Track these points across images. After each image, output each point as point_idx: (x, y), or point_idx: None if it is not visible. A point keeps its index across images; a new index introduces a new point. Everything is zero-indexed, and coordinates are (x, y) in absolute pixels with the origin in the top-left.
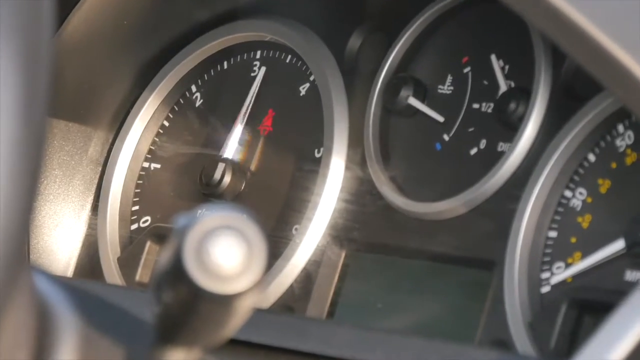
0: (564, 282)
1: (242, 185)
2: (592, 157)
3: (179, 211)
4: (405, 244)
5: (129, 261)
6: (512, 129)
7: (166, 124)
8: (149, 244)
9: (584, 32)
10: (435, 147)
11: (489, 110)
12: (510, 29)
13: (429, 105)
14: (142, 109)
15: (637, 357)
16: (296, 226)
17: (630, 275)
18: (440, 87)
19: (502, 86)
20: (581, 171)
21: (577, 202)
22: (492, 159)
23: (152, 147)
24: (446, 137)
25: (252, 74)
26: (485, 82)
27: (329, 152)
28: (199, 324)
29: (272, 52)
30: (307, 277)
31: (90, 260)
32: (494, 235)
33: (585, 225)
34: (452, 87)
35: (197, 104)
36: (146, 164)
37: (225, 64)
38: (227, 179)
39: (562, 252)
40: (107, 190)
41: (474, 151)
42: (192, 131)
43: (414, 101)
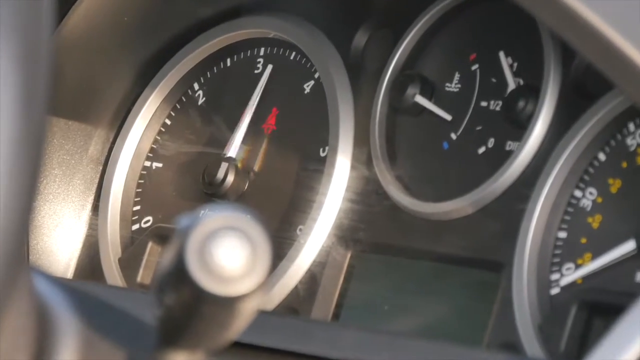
0: (573, 284)
1: (246, 185)
2: (602, 156)
3: (181, 211)
4: (412, 245)
5: (130, 262)
6: (520, 128)
7: (168, 122)
8: (150, 244)
9: (594, 29)
10: (442, 146)
11: (497, 108)
12: (519, 26)
13: (436, 103)
14: (144, 107)
15: None
16: (301, 226)
17: None
18: (447, 84)
19: (511, 84)
20: (591, 170)
21: (587, 202)
22: (500, 158)
23: (154, 146)
24: (453, 135)
25: (256, 72)
26: (493, 80)
27: (334, 151)
28: (201, 327)
29: (276, 49)
30: (312, 279)
31: (90, 261)
32: (502, 236)
33: (595, 225)
34: (459, 85)
35: (200, 102)
36: (148, 163)
37: (228, 61)
38: (231, 178)
39: (571, 253)
40: (107, 189)
41: (482, 150)
42: (195, 130)
43: (420, 99)
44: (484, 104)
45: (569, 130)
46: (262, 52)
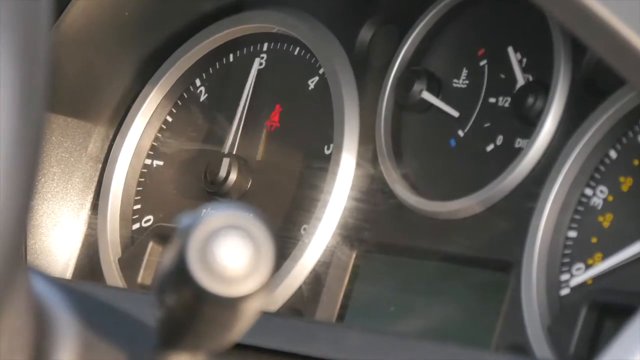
0: (583, 284)
1: (249, 183)
2: (613, 154)
3: (183, 210)
4: (418, 244)
5: (130, 262)
6: (530, 125)
7: (169, 119)
8: (151, 244)
9: (605, 24)
10: (449, 143)
11: (506, 104)
12: (528, 21)
13: (443, 99)
14: (144, 104)
15: None
16: (305, 226)
17: None
18: (455, 80)
19: (520, 80)
20: (602, 168)
21: (597, 201)
22: (509, 155)
23: (155, 144)
24: (461, 133)
25: (260, 68)
26: (502, 76)
27: (339, 148)
28: (203, 328)
29: (279, 44)
30: (317, 279)
31: (90, 261)
32: (511, 235)
33: (606, 224)
34: (467, 81)
35: (202, 98)
36: (148, 161)
37: (230, 56)
38: (233, 176)
39: (582, 252)
40: (107, 188)
41: (490, 147)
42: (197, 127)
43: (427, 95)
44: (492, 100)
45: (579, 127)
46: (265, 48)
